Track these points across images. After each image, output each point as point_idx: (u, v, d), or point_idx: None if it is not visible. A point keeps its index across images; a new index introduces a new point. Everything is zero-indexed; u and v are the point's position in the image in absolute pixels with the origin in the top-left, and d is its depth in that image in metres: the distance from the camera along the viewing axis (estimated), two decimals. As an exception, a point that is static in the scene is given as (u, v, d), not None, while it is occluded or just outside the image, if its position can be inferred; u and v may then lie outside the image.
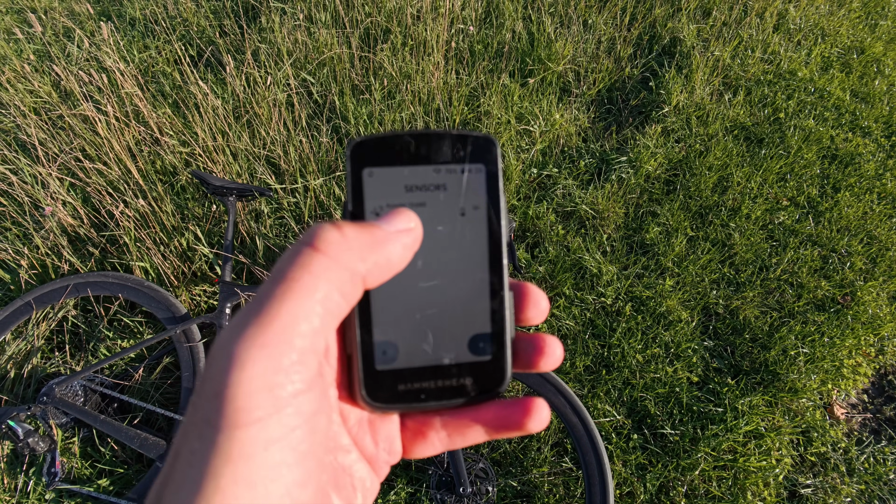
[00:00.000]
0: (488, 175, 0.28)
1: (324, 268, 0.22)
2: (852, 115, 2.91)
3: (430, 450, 0.28)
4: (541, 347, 0.28)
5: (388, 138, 0.27)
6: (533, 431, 0.27)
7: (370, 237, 0.24)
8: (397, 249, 0.25)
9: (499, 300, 0.27)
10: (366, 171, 0.27)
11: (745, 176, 2.52)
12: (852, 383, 1.98)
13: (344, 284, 0.23)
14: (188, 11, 3.00)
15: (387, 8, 2.90)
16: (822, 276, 2.22)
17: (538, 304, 0.28)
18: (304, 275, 0.21)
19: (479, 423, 0.27)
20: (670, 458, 1.70)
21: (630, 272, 2.13)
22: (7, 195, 2.13)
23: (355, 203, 0.26)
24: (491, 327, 0.27)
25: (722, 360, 1.95)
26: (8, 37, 3.05)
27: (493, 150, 0.28)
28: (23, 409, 1.51)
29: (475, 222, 0.27)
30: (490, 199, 0.28)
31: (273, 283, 0.22)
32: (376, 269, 0.24)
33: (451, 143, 0.27)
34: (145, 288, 1.72)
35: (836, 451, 1.79)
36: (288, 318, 0.21)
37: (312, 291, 0.21)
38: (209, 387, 0.20)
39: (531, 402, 0.27)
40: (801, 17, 3.46)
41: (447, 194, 0.27)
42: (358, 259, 0.23)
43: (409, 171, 0.27)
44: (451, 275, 0.27)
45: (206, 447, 0.19)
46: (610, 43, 3.07)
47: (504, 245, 0.28)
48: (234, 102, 2.47)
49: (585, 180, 2.48)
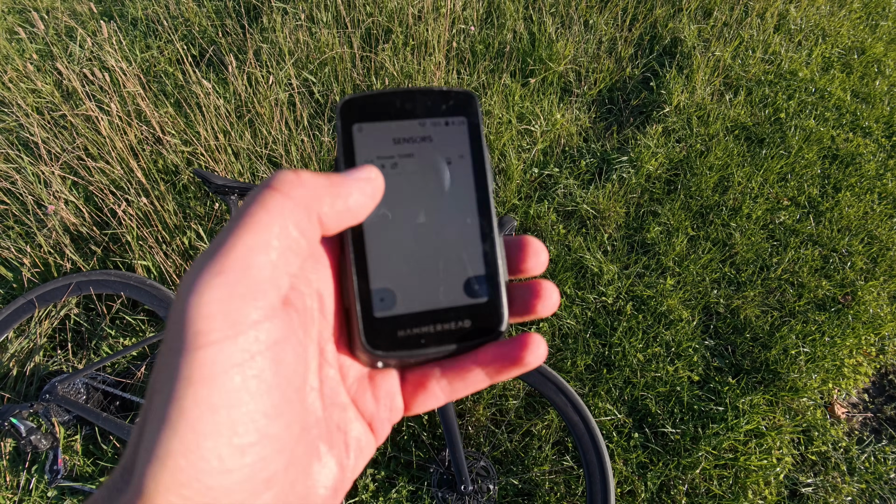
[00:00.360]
0: (470, 126, 0.29)
1: (279, 204, 0.22)
2: (853, 116, 2.91)
3: (433, 401, 0.28)
4: (537, 291, 0.28)
5: (376, 95, 0.28)
6: (532, 366, 0.27)
7: (327, 180, 0.24)
8: (354, 195, 0.25)
9: (490, 243, 0.28)
10: (355, 127, 0.28)
11: (746, 176, 2.52)
12: (853, 382, 1.98)
13: (300, 221, 0.23)
14: (190, 11, 3.01)
15: (388, 8, 2.90)
16: (823, 275, 2.22)
17: (538, 254, 0.29)
18: (260, 211, 0.22)
19: (478, 365, 0.27)
20: (671, 457, 1.71)
21: (631, 271, 2.14)
22: (10, 194, 2.13)
23: (346, 156, 0.27)
24: (484, 269, 0.28)
25: (723, 359, 1.95)
26: (10, 36, 3.06)
27: (473, 104, 0.29)
28: (25, 407, 1.52)
29: (461, 170, 0.29)
30: (473, 149, 0.29)
31: (233, 222, 0.22)
32: (333, 212, 0.24)
33: (435, 98, 0.29)
34: (147, 286, 1.72)
35: (837, 450, 1.79)
36: (244, 249, 0.21)
37: (268, 226, 0.22)
38: (172, 317, 0.21)
39: (528, 337, 0.27)
40: (802, 17, 3.46)
41: (433, 145, 0.28)
42: (313, 198, 0.24)
43: (397, 125, 0.28)
44: (442, 221, 0.28)
45: (171, 373, 0.20)
46: (611, 43, 3.08)
47: (490, 191, 0.29)
48: (235, 102, 2.48)
49: (586, 180, 2.48)
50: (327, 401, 0.26)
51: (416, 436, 1.70)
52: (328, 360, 0.27)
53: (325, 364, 0.26)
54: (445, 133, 0.29)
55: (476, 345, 0.28)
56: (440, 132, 0.29)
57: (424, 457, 1.67)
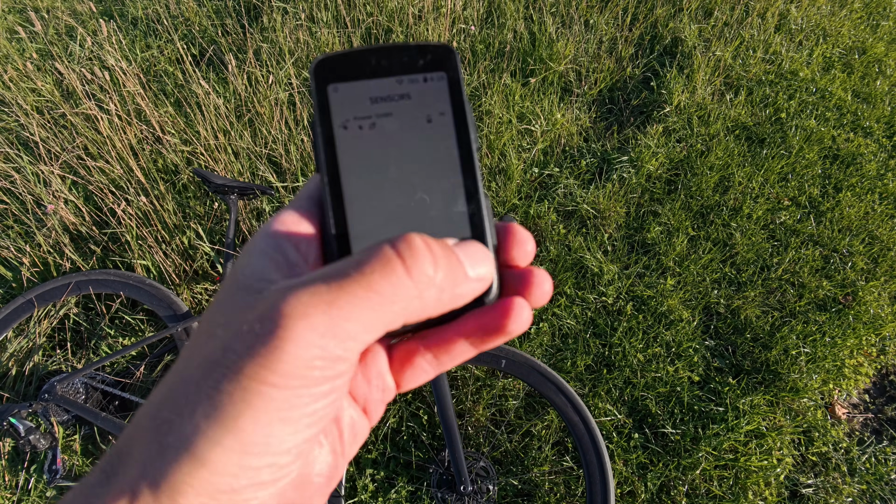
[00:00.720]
0: (450, 81, 0.28)
1: (407, 295, 0.22)
2: (854, 116, 2.91)
3: (422, 376, 0.27)
4: (528, 280, 0.26)
5: (351, 53, 0.27)
6: (515, 334, 0.25)
7: (453, 277, 0.23)
8: (467, 295, 0.24)
9: (475, 203, 0.27)
10: (331, 87, 0.27)
11: (747, 176, 2.52)
12: (854, 383, 1.97)
13: (412, 313, 0.23)
14: (190, 11, 3.01)
15: (388, 8, 2.90)
16: (824, 275, 2.21)
17: (523, 244, 0.27)
18: (388, 292, 0.21)
19: (461, 336, 0.26)
20: (671, 458, 1.70)
21: (631, 271, 2.13)
22: (9, 193, 2.13)
23: (322, 119, 0.26)
24: (470, 231, 0.27)
25: (723, 359, 1.95)
26: (10, 35, 3.05)
27: (452, 58, 0.28)
28: (24, 407, 1.51)
29: (442, 128, 0.27)
30: (454, 105, 0.28)
31: (354, 284, 0.21)
32: (441, 308, 0.24)
33: (412, 54, 0.27)
34: (147, 286, 1.72)
35: (838, 450, 1.79)
36: (355, 324, 0.21)
37: (387, 311, 0.22)
38: (253, 339, 0.20)
39: (510, 302, 0.25)
40: (803, 17, 3.46)
41: (412, 103, 0.27)
42: (436, 297, 0.23)
43: (373, 83, 0.27)
44: (424, 182, 0.27)
45: (234, 395, 0.20)
46: (611, 43, 3.07)
47: (474, 149, 0.27)
48: (235, 101, 2.48)
49: (587, 180, 2.48)
50: None
51: (416, 436, 1.70)
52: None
53: None
54: (424, 90, 0.27)
55: (463, 311, 0.26)
56: (419, 89, 0.27)
57: (424, 457, 1.66)
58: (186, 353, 0.23)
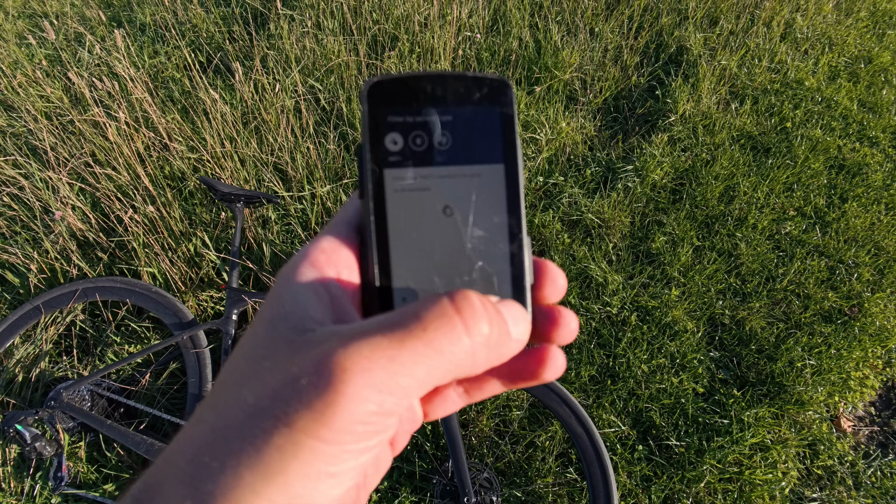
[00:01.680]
0: (504, 117, 0.27)
1: (464, 354, 0.22)
2: (860, 125, 2.90)
3: (451, 406, 0.28)
4: (555, 318, 0.27)
5: (406, 79, 0.26)
6: (549, 380, 0.26)
7: (500, 337, 0.23)
8: (506, 356, 0.24)
9: (518, 244, 0.27)
10: (382, 112, 0.26)
11: (752, 185, 2.51)
12: (859, 396, 1.96)
13: (463, 371, 0.23)
14: (198, 18, 3.03)
15: (394, 15, 2.91)
16: (830, 287, 2.21)
17: (556, 281, 0.28)
18: (447, 350, 0.21)
19: (494, 375, 0.27)
20: (675, 470, 1.70)
21: (636, 281, 2.13)
22: (18, 199, 2.15)
23: (374, 145, 0.26)
24: (511, 271, 0.27)
25: (728, 371, 1.94)
26: (20, 41, 3.08)
27: (508, 93, 0.27)
28: (30, 414, 1.52)
29: (493, 165, 0.27)
30: (506, 142, 0.27)
31: (415, 340, 0.21)
32: (484, 367, 0.24)
33: (468, 84, 0.27)
34: (153, 293, 1.73)
35: (843, 464, 1.78)
36: (413, 381, 0.21)
37: (444, 370, 0.22)
38: (310, 396, 0.20)
39: (545, 351, 0.26)
40: (809, 26, 3.46)
41: (463, 137, 0.27)
42: (485, 358, 0.23)
43: (427, 113, 0.27)
44: (469, 217, 0.27)
45: (284, 447, 0.19)
46: (616, 51, 3.08)
47: (521, 188, 0.27)
48: (242, 109, 2.49)
49: (591, 189, 2.48)
50: None
51: (420, 446, 1.70)
52: None
53: None
54: (477, 124, 0.27)
55: None
56: (471, 122, 0.27)
57: (427, 467, 1.66)
58: (224, 388, 0.22)
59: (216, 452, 0.20)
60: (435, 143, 0.27)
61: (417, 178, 0.26)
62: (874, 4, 3.82)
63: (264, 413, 0.20)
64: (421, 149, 0.26)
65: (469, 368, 0.23)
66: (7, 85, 2.60)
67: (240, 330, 1.84)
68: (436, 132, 0.27)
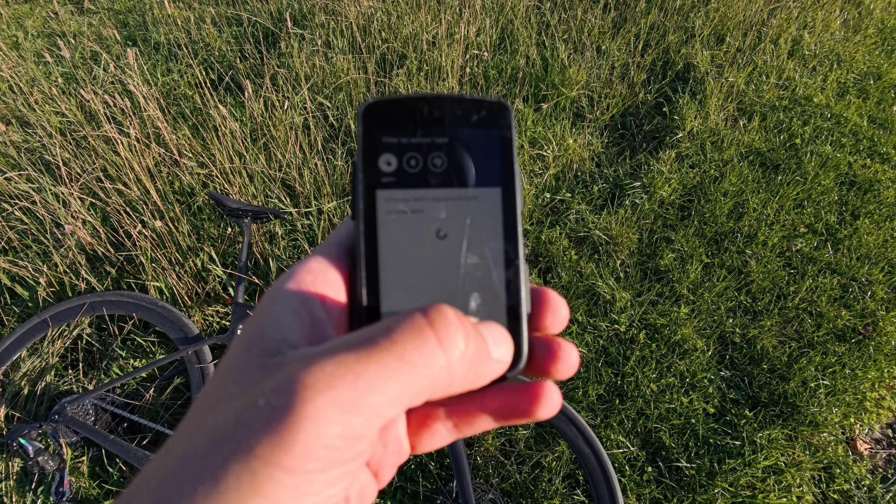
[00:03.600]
0: (502, 141, 0.27)
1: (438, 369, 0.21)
2: (870, 142, 2.88)
3: (438, 440, 0.26)
4: (554, 352, 0.25)
5: (402, 101, 0.26)
6: (542, 418, 0.25)
7: (479, 356, 0.23)
8: (487, 376, 0.23)
9: (514, 270, 0.26)
10: (377, 134, 0.26)
11: (762, 202, 2.49)
12: (875, 417, 1.91)
13: (438, 389, 0.22)
14: (211, 37, 3.09)
15: (403, 34, 2.96)
16: (843, 305, 2.16)
17: (557, 311, 0.27)
18: (419, 364, 0.20)
19: (485, 411, 0.25)
20: (686, 493, 1.65)
21: (644, 299, 2.11)
22: (30, 213, 2.18)
23: (367, 166, 0.26)
24: (506, 299, 0.26)
25: (739, 390, 1.90)
26: (38, 59, 3.16)
27: (506, 116, 0.27)
28: (34, 427, 1.52)
29: (489, 189, 0.26)
30: (503, 167, 0.27)
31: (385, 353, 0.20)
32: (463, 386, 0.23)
33: (466, 107, 0.27)
34: (159, 308, 1.73)
35: (860, 488, 1.72)
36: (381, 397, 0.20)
37: (416, 385, 0.21)
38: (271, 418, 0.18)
39: (539, 388, 0.25)
40: (816, 43, 3.46)
41: (459, 160, 0.26)
42: (463, 375, 0.22)
43: (422, 135, 0.26)
44: (463, 242, 0.26)
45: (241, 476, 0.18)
46: (623, 69, 3.09)
47: (519, 213, 0.26)
48: (251, 125, 2.53)
49: (599, 205, 2.47)
50: None
51: (424, 466, 1.67)
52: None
53: None
54: (474, 147, 0.26)
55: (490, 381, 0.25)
56: (469, 144, 0.26)
57: (431, 487, 1.63)
58: (194, 414, 0.21)
59: (179, 482, 0.19)
60: (430, 166, 0.26)
61: (411, 200, 0.26)
62: (882, 21, 3.82)
63: (226, 439, 0.19)
64: (415, 171, 0.26)
65: (446, 387, 0.22)
66: (24, 102, 2.66)
67: (245, 345, 1.84)
68: (431, 154, 0.26)
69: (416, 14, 3.09)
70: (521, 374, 0.26)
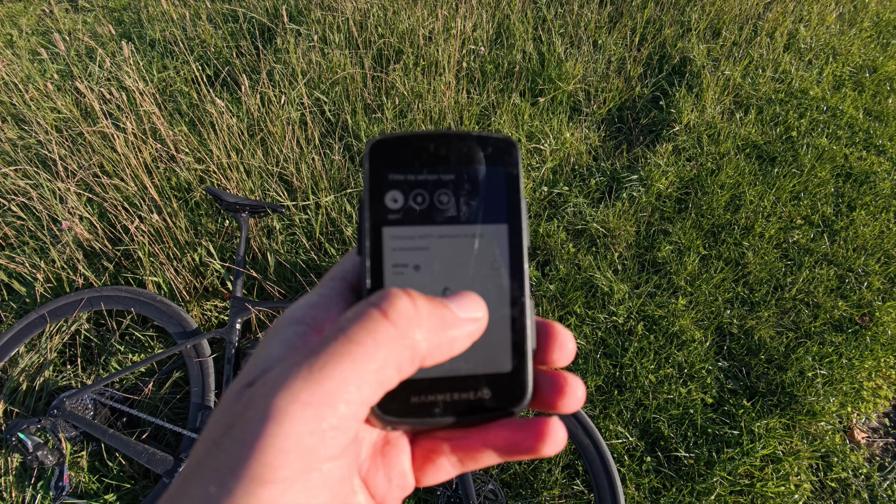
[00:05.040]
0: (508, 178, 0.27)
1: (389, 338, 0.21)
2: (866, 134, 2.89)
3: (443, 475, 0.27)
4: (561, 387, 0.26)
5: (409, 138, 0.26)
6: (548, 455, 0.25)
7: (440, 319, 0.23)
8: (462, 337, 0.24)
9: (519, 308, 0.26)
10: (385, 172, 0.26)
11: (758, 194, 2.50)
12: (872, 406, 1.92)
13: (403, 361, 0.22)
14: (206, 33, 3.08)
15: (399, 30, 2.95)
16: (839, 295, 2.17)
17: (564, 345, 0.27)
18: (368, 340, 0.21)
19: (489, 447, 0.26)
20: (685, 482, 1.66)
21: (642, 291, 2.11)
22: (27, 209, 2.17)
23: (373, 204, 0.26)
24: (511, 335, 0.26)
25: (737, 381, 1.91)
26: (33, 57, 3.15)
27: (513, 153, 0.27)
28: (33, 422, 1.52)
29: (495, 227, 0.27)
30: (510, 202, 0.27)
31: (333, 340, 0.21)
32: (437, 352, 0.23)
33: (472, 144, 0.27)
34: (157, 302, 1.73)
35: (858, 476, 1.73)
36: (338, 381, 0.20)
37: (371, 359, 0.21)
38: (241, 432, 0.19)
39: (545, 425, 0.25)
40: (812, 36, 3.47)
41: (465, 198, 0.27)
42: (423, 338, 0.22)
43: (429, 171, 0.26)
44: (469, 279, 0.26)
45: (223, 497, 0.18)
46: (620, 63, 3.10)
47: (525, 249, 0.27)
48: (248, 121, 2.52)
49: (596, 198, 2.47)
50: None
51: (424, 457, 1.68)
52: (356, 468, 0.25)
53: None
54: (481, 183, 0.27)
55: (494, 417, 0.26)
56: (475, 181, 0.27)
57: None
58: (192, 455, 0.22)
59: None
60: (436, 203, 0.26)
61: (416, 237, 0.26)
62: (877, 14, 3.83)
63: (201, 465, 0.19)
64: (421, 207, 0.26)
65: (411, 356, 0.22)
66: (20, 99, 2.65)
67: (243, 339, 1.84)
68: (437, 191, 0.26)
69: (412, 9, 3.08)
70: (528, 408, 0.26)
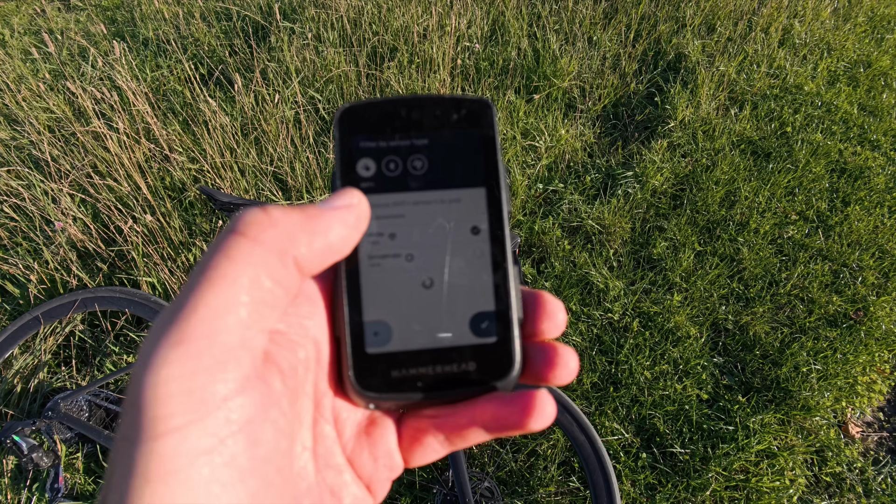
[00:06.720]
0: (484, 140, 0.26)
1: (247, 252, 0.20)
2: (860, 129, 2.89)
3: (431, 454, 0.26)
4: (552, 358, 0.24)
5: (380, 104, 0.25)
6: (536, 430, 0.24)
7: (302, 216, 0.22)
8: (335, 228, 0.22)
9: (502, 273, 0.25)
10: (355, 139, 0.25)
11: (753, 190, 2.50)
12: (867, 401, 1.93)
13: (274, 269, 0.20)
14: (200, 32, 3.07)
15: (394, 27, 2.94)
16: (834, 291, 2.18)
17: (554, 315, 0.25)
18: (225, 262, 0.19)
19: (476, 424, 0.24)
20: (680, 478, 1.67)
21: (637, 287, 2.12)
22: (19, 210, 2.16)
23: (345, 172, 0.25)
24: (494, 304, 0.25)
25: (732, 376, 1.92)
26: (25, 57, 3.13)
27: (488, 114, 0.26)
28: (28, 424, 1.51)
29: (473, 190, 0.25)
30: (487, 165, 0.26)
31: (194, 276, 0.19)
32: (312, 252, 0.22)
33: (445, 107, 0.26)
34: (151, 303, 1.73)
35: (852, 471, 1.74)
36: (207, 311, 0.18)
37: (235, 279, 0.19)
38: (127, 400, 0.18)
39: (531, 399, 0.23)
40: (807, 31, 3.47)
41: (440, 162, 0.26)
42: (287, 239, 0.21)
43: (401, 138, 0.25)
44: (448, 247, 0.25)
45: (126, 468, 0.17)
46: (615, 59, 3.09)
47: (506, 214, 0.25)
48: (242, 120, 2.51)
49: (591, 195, 2.47)
50: (321, 462, 0.24)
51: (420, 455, 1.68)
52: (324, 415, 0.24)
53: (320, 419, 0.24)
54: (455, 148, 0.25)
55: (481, 391, 0.24)
56: (450, 146, 0.26)
57: (427, 477, 1.64)
58: None
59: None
60: (410, 169, 0.25)
61: (391, 204, 0.25)
62: (872, 10, 3.83)
63: (115, 444, 0.19)
64: (395, 174, 0.25)
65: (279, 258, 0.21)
66: (11, 99, 2.63)
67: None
68: (411, 157, 0.25)
69: (406, 6, 3.07)
70: (519, 381, 0.25)
